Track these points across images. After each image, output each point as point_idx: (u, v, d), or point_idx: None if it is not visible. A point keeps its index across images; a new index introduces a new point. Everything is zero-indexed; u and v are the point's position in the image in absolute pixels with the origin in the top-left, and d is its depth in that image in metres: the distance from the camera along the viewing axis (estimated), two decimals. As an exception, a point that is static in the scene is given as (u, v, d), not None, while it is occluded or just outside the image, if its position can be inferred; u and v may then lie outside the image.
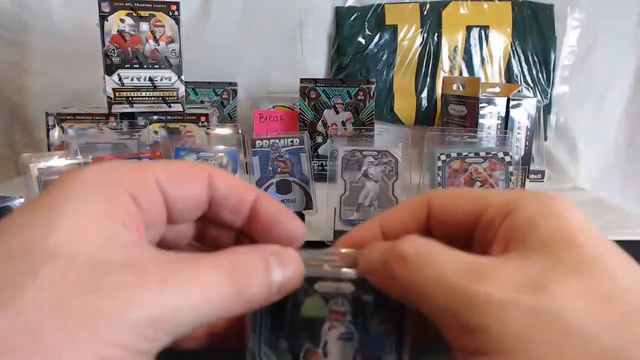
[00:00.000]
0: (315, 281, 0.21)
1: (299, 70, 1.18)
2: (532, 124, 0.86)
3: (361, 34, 1.16)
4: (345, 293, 0.21)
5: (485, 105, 0.79)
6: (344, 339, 0.21)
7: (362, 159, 0.71)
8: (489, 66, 1.16)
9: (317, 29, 1.19)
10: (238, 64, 1.18)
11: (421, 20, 1.15)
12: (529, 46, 1.15)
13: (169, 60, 0.83)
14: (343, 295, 0.21)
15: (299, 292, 0.21)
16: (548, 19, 1.15)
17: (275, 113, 1.06)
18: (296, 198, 0.77)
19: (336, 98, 1.01)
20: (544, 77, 1.15)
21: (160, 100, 0.84)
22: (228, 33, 1.17)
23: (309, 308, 0.21)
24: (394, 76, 1.16)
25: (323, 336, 0.21)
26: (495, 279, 0.17)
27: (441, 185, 0.61)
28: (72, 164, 0.62)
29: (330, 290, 0.21)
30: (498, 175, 0.61)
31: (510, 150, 0.62)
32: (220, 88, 1.14)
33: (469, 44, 1.15)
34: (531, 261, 0.18)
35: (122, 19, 0.80)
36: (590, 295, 0.17)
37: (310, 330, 0.21)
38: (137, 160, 0.65)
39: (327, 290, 0.21)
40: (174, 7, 0.82)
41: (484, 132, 0.78)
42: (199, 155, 0.73)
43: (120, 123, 0.84)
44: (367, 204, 0.70)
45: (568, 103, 1.18)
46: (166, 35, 0.82)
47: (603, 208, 0.87)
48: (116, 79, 0.82)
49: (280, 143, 0.77)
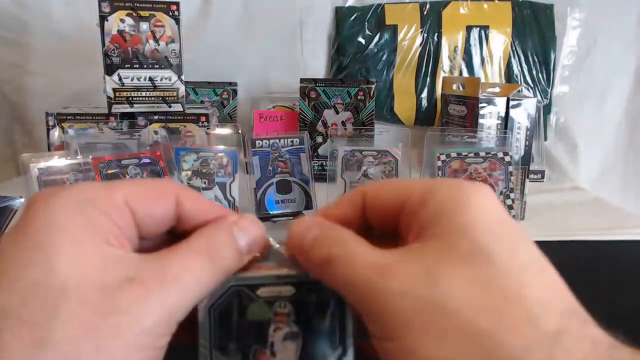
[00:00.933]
0: (257, 287, 0.23)
1: (299, 70, 1.18)
2: (532, 124, 0.86)
3: (361, 34, 1.15)
4: (287, 296, 0.23)
5: (485, 105, 0.79)
6: (290, 338, 0.23)
7: (362, 159, 0.71)
8: (489, 66, 1.16)
9: (317, 29, 1.19)
10: (238, 64, 1.18)
11: (421, 20, 1.15)
12: (529, 46, 1.14)
13: (169, 60, 0.83)
14: (285, 298, 0.23)
15: (243, 299, 0.23)
16: (548, 19, 1.15)
17: (275, 113, 1.06)
18: (296, 198, 0.77)
19: (336, 98, 1.01)
20: (544, 77, 1.15)
21: (160, 100, 0.84)
22: (228, 33, 1.17)
23: (254, 313, 0.23)
24: (394, 76, 1.16)
25: (269, 337, 0.23)
26: (395, 274, 0.20)
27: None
28: (72, 164, 0.62)
29: (272, 294, 0.23)
30: (498, 175, 0.61)
31: (510, 150, 0.62)
32: (220, 88, 1.14)
33: (469, 44, 1.15)
34: (428, 251, 0.20)
35: (122, 19, 0.80)
36: (472, 282, 0.19)
37: (257, 333, 0.23)
38: (136, 159, 0.65)
39: (269, 294, 0.23)
40: (174, 7, 0.82)
41: (483, 132, 0.78)
42: (199, 155, 0.73)
43: (120, 123, 0.84)
44: (367, 204, 0.70)
45: (568, 103, 1.18)
46: (166, 35, 0.82)
47: (603, 208, 0.87)
48: (116, 79, 0.82)
49: (280, 143, 0.77)
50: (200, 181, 0.72)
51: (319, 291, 0.23)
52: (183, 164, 0.72)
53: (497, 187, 0.60)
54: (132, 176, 0.64)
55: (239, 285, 0.23)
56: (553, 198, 0.92)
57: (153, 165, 0.66)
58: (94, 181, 0.25)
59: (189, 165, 0.72)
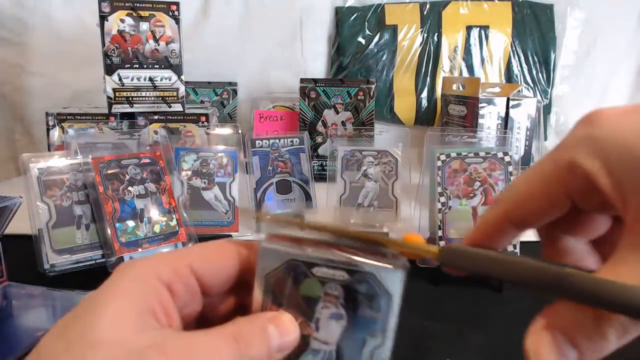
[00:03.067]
0: (313, 266, 0.24)
1: (299, 70, 1.18)
2: (532, 124, 0.86)
3: (361, 34, 1.16)
4: (340, 280, 0.24)
5: (485, 105, 0.79)
6: (335, 319, 0.24)
7: (362, 159, 0.71)
8: (489, 66, 1.16)
9: (317, 29, 1.19)
10: (238, 64, 1.18)
11: (421, 20, 1.15)
12: (529, 46, 1.15)
13: (169, 60, 0.83)
14: (338, 281, 0.24)
15: (298, 273, 0.24)
16: (548, 19, 1.15)
17: (275, 113, 1.06)
18: (296, 198, 0.77)
19: (336, 98, 1.01)
20: (544, 77, 1.15)
21: (160, 100, 0.84)
22: (228, 33, 1.17)
23: (306, 288, 0.24)
24: (394, 76, 1.16)
25: (316, 313, 0.24)
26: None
27: (440, 185, 0.61)
28: (72, 164, 0.62)
29: (326, 275, 0.24)
30: (498, 175, 0.61)
31: (510, 150, 0.62)
32: (220, 88, 1.14)
33: (469, 44, 1.15)
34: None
35: (122, 19, 0.80)
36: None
37: (306, 307, 0.24)
38: (136, 159, 0.65)
39: (324, 275, 0.24)
40: (174, 7, 0.82)
41: (483, 132, 0.78)
42: (199, 155, 0.73)
43: (120, 123, 0.84)
44: (366, 203, 0.70)
45: (568, 103, 1.18)
46: (166, 35, 0.82)
47: (603, 208, 0.87)
48: (116, 79, 0.82)
49: (280, 143, 0.77)
50: (200, 181, 0.72)
51: (370, 283, 0.24)
52: (183, 164, 0.72)
53: (497, 187, 0.60)
54: (132, 176, 0.64)
55: (297, 260, 0.24)
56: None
57: (153, 165, 0.66)
58: (168, 252, 0.27)
59: (189, 165, 0.72)
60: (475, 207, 0.61)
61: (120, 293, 0.22)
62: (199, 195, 0.72)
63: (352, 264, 0.24)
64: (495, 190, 0.61)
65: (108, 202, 0.61)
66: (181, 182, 0.71)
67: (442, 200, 0.61)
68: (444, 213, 0.60)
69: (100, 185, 0.61)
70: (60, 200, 0.61)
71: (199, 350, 0.22)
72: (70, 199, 0.61)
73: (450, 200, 0.61)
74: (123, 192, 0.62)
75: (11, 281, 0.54)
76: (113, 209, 0.61)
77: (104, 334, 0.21)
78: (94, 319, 0.21)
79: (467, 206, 0.61)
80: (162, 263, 0.24)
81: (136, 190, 0.63)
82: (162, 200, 0.64)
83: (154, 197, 0.64)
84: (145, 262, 0.24)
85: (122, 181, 0.63)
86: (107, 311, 0.21)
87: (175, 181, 0.70)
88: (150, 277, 0.23)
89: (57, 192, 0.61)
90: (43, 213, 0.59)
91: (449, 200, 0.61)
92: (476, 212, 0.60)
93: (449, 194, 0.61)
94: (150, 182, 0.65)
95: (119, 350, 0.20)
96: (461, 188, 0.61)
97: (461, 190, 0.61)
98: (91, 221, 0.62)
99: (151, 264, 0.24)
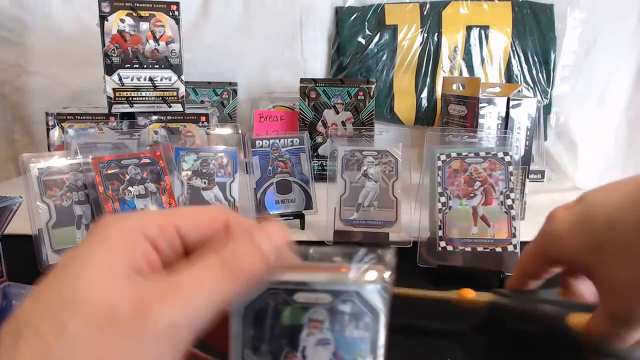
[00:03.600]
0: (294, 292, 0.23)
1: (299, 70, 1.18)
2: (532, 124, 0.86)
3: (361, 34, 1.15)
4: (323, 303, 0.23)
5: (485, 105, 0.79)
6: (322, 344, 0.23)
7: (362, 159, 0.71)
8: (489, 66, 1.16)
9: (317, 29, 1.19)
10: (238, 64, 1.18)
11: (421, 20, 1.15)
12: (529, 46, 1.14)
13: (169, 60, 0.83)
14: (321, 305, 0.23)
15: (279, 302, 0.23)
16: (548, 19, 1.15)
17: (275, 113, 1.06)
18: (296, 198, 0.77)
19: (336, 98, 1.01)
20: (544, 77, 1.15)
21: (160, 100, 0.84)
22: (228, 33, 1.17)
23: (289, 317, 0.23)
24: (394, 76, 1.16)
25: (302, 342, 0.23)
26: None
27: (441, 185, 0.61)
28: (72, 164, 0.62)
29: (309, 300, 0.23)
30: (498, 175, 0.61)
31: (510, 150, 0.62)
32: (220, 88, 1.14)
33: (469, 44, 1.15)
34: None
35: (122, 19, 0.80)
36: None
37: (290, 336, 0.23)
38: (136, 159, 0.65)
39: (306, 300, 0.23)
40: (174, 7, 0.82)
41: (484, 132, 0.78)
42: (199, 155, 0.73)
43: (120, 123, 0.84)
44: (367, 204, 0.70)
45: (568, 103, 1.18)
46: (166, 35, 0.82)
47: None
48: (116, 79, 0.82)
49: (280, 143, 0.77)
50: (200, 181, 0.72)
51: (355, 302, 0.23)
52: (183, 164, 0.72)
53: (497, 187, 0.60)
54: (132, 176, 0.64)
55: (276, 288, 0.23)
56: (553, 198, 0.92)
57: (153, 165, 0.66)
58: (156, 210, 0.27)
59: (189, 165, 0.72)
60: (475, 207, 0.61)
61: (104, 248, 0.21)
62: (199, 196, 0.72)
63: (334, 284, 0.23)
64: (495, 190, 0.61)
65: (108, 202, 0.61)
66: (181, 182, 0.71)
67: (442, 200, 0.61)
68: (444, 213, 0.60)
69: (100, 185, 0.61)
70: (60, 200, 0.61)
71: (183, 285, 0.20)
72: (70, 199, 0.61)
73: (451, 200, 0.61)
74: (123, 192, 0.62)
75: (11, 281, 0.54)
76: (113, 209, 0.61)
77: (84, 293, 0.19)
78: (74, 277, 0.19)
79: (468, 206, 0.61)
80: (149, 220, 0.22)
81: (136, 190, 0.63)
82: (162, 201, 0.64)
83: (154, 197, 0.64)
84: (131, 217, 0.22)
85: (122, 181, 0.63)
86: (89, 268, 0.20)
87: (176, 181, 0.70)
88: (136, 232, 0.22)
89: (57, 192, 0.61)
90: (43, 213, 0.59)
91: (449, 200, 0.61)
92: (476, 212, 0.60)
93: (449, 194, 0.61)
94: (150, 182, 0.65)
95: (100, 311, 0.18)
96: (461, 188, 0.61)
97: (461, 190, 0.61)
98: (91, 221, 0.62)
99: (137, 219, 0.22)
